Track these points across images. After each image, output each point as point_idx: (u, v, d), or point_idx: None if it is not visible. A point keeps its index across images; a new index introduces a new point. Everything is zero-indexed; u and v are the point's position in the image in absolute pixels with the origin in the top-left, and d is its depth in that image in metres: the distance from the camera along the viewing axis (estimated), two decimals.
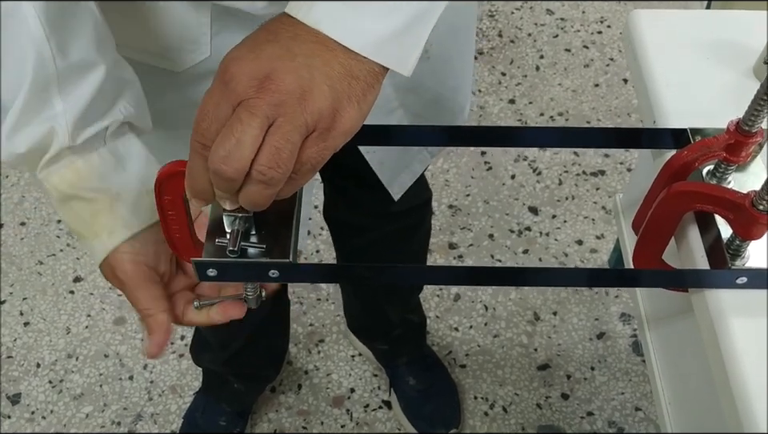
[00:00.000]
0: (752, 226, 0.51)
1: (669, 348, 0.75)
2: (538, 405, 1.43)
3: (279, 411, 1.41)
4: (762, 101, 0.52)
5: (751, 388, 0.49)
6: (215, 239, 0.53)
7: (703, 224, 0.57)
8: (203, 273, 0.52)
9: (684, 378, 0.71)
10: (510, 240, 1.63)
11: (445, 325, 1.52)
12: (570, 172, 1.74)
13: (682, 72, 0.68)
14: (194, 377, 1.43)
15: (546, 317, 1.53)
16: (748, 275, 0.52)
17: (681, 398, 0.72)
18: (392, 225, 1.11)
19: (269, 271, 0.52)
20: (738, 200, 0.51)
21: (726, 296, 0.53)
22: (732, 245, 0.54)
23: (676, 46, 0.71)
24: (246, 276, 0.54)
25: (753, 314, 0.53)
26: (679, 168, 0.56)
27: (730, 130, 0.55)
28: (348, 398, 1.43)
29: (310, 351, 1.49)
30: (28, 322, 1.50)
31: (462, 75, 0.90)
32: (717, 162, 0.57)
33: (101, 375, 1.44)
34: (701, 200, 0.53)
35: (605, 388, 1.45)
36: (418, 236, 1.19)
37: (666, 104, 0.65)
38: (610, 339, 1.50)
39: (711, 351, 0.53)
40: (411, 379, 1.38)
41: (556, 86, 1.91)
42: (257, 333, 1.22)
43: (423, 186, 1.12)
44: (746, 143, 0.54)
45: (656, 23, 0.72)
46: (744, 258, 0.54)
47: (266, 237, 0.53)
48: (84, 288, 1.54)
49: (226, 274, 0.52)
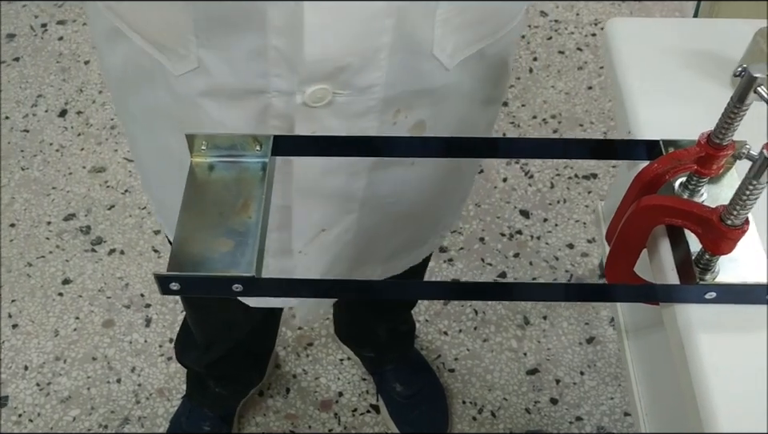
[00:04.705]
0: (720, 241, 0.50)
1: (647, 358, 0.74)
2: (527, 410, 1.42)
3: (267, 415, 1.41)
4: (733, 114, 0.51)
5: (717, 404, 0.48)
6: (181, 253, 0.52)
7: (674, 238, 0.56)
8: (166, 287, 0.52)
9: (660, 389, 0.71)
10: (500, 244, 1.63)
11: (434, 329, 1.52)
12: (562, 175, 1.74)
13: (659, 82, 0.68)
14: (181, 381, 1.43)
15: (536, 321, 1.53)
16: (717, 290, 0.52)
17: (657, 408, 0.71)
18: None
19: (232, 286, 0.52)
20: (706, 215, 0.51)
21: (695, 311, 0.53)
22: (702, 259, 0.53)
23: (654, 55, 0.70)
24: (209, 290, 0.53)
25: (722, 329, 0.52)
26: (650, 181, 0.55)
27: (701, 143, 0.54)
28: (336, 402, 1.43)
29: (298, 355, 1.48)
30: (16, 324, 1.49)
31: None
32: (689, 175, 0.57)
33: (88, 378, 1.44)
34: (669, 214, 0.53)
35: (594, 393, 1.44)
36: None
37: (642, 114, 0.65)
38: (600, 343, 1.50)
39: (679, 366, 0.52)
40: (398, 384, 1.38)
41: (549, 88, 1.90)
42: (245, 338, 1.22)
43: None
44: (716, 156, 0.53)
45: (634, 32, 0.71)
46: (714, 272, 0.53)
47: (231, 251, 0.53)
48: (73, 290, 1.54)
49: (188, 288, 0.52)
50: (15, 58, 1.94)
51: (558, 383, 1.45)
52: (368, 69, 0.62)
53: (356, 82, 0.63)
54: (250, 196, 0.58)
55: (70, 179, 1.71)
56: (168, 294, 0.52)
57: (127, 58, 0.70)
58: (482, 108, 0.78)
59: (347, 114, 0.65)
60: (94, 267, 1.57)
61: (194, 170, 0.60)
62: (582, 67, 1.94)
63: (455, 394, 1.44)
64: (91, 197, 1.68)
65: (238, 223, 0.56)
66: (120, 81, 0.75)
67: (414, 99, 0.68)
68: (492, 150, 0.62)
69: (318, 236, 0.77)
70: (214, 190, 0.59)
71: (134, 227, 1.63)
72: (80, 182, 1.70)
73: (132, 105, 0.76)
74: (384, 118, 0.68)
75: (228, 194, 0.58)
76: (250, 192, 0.58)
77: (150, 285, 1.55)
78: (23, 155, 1.74)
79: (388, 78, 0.64)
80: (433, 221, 0.91)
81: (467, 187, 0.94)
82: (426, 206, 0.84)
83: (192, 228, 0.56)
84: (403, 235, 0.86)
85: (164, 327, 1.50)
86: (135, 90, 0.73)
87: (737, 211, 0.49)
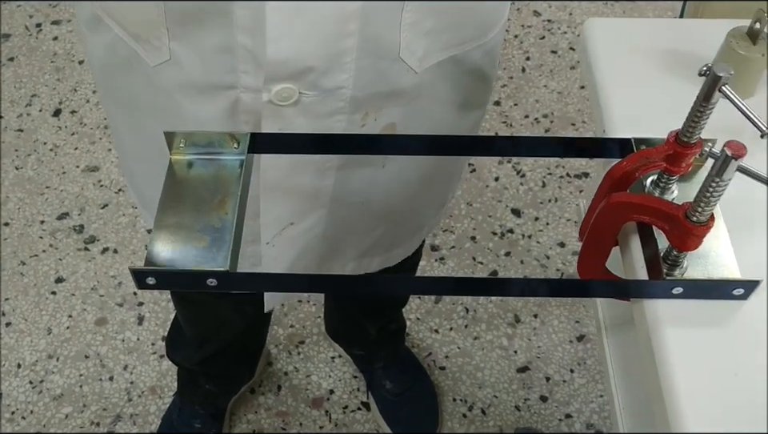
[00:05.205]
0: (686, 237, 0.51)
1: (625, 354, 0.75)
2: (517, 407, 1.43)
3: (258, 412, 1.42)
4: (699, 112, 0.52)
5: (682, 399, 0.49)
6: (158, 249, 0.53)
7: (644, 235, 0.57)
8: (142, 281, 0.53)
9: (637, 385, 0.71)
10: (492, 242, 1.64)
11: (425, 327, 1.53)
12: (554, 174, 1.75)
13: (634, 81, 0.69)
14: (173, 378, 1.44)
15: (527, 320, 1.54)
16: (683, 285, 0.53)
17: (634, 405, 0.72)
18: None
19: (207, 280, 0.52)
20: (672, 211, 0.52)
21: (662, 306, 0.53)
22: (670, 256, 0.54)
23: (631, 54, 0.71)
24: (185, 285, 0.54)
25: (689, 324, 0.53)
26: (620, 178, 0.56)
27: (669, 141, 0.55)
28: (327, 399, 1.44)
29: (290, 353, 1.49)
30: (9, 322, 1.50)
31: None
32: (659, 173, 0.57)
33: (81, 376, 1.44)
34: (637, 211, 0.54)
35: (583, 391, 1.45)
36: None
37: (617, 113, 0.66)
38: (590, 341, 1.51)
39: (646, 360, 0.53)
40: (388, 382, 1.39)
41: (541, 87, 1.91)
42: (236, 336, 1.23)
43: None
44: (685, 154, 0.54)
45: (611, 32, 0.72)
46: (682, 268, 0.54)
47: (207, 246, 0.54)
48: (66, 289, 1.55)
49: (164, 282, 0.53)
50: (10, 57, 1.95)
51: (547, 381, 1.46)
52: (334, 71, 0.63)
53: (322, 84, 0.64)
54: (227, 193, 0.59)
55: (63, 178, 1.72)
56: (144, 288, 0.53)
57: (108, 45, 0.71)
58: (459, 113, 0.78)
59: (314, 113, 0.66)
60: (87, 265, 1.58)
61: (173, 167, 0.60)
62: (574, 67, 1.94)
63: (446, 391, 1.45)
64: (85, 196, 1.69)
65: (215, 219, 0.57)
66: (102, 69, 0.76)
67: (383, 101, 0.69)
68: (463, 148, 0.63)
69: (286, 229, 0.77)
70: (192, 186, 0.59)
71: (127, 226, 1.64)
72: (73, 181, 1.71)
73: (114, 93, 0.77)
74: (353, 119, 0.68)
75: (205, 191, 0.59)
76: (227, 189, 0.59)
77: None
78: (17, 155, 1.75)
79: (356, 80, 0.65)
80: (406, 225, 0.91)
81: (445, 194, 0.94)
82: (398, 209, 0.84)
83: (169, 224, 0.57)
84: (375, 234, 0.86)
85: (156, 325, 1.51)
86: (116, 78, 0.74)
87: (701, 208, 0.49)
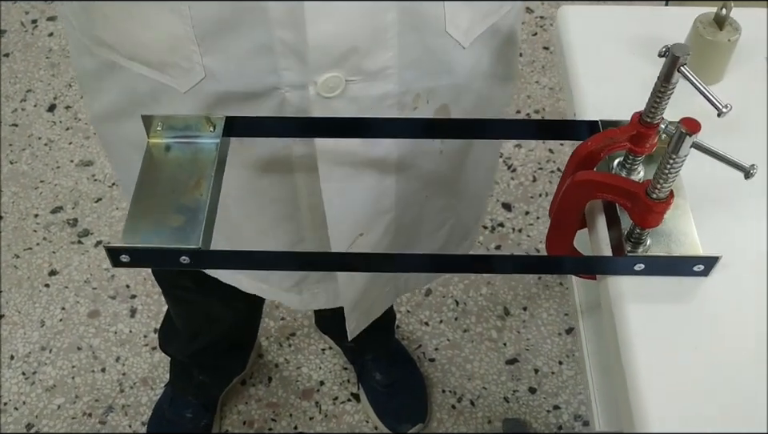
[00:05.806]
0: (647, 214, 0.52)
1: (599, 338, 0.76)
2: (506, 399, 1.44)
3: (249, 403, 1.43)
4: (660, 93, 0.53)
5: (641, 374, 0.50)
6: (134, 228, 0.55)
7: (610, 213, 0.58)
8: (116, 259, 0.54)
9: (609, 369, 0.72)
10: (482, 236, 1.65)
11: (415, 319, 1.54)
12: (545, 169, 1.76)
13: (605, 66, 0.70)
14: (165, 370, 1.45)
15: (516, 312, 1.55)
16: (645, 262, 0.54)
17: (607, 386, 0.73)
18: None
19: (180, 258, 0.54)
20: (632, 189, 0.53)
21: (626, 283, 0.55)
22: (633, 233, 0.55)
23: (603, 40, 0.72)
24: (159, 262, 0.55)
25: (651, 300, 0.54)
26: (585, 157, 0.57)
27: (633, 122, 0.56)
28: (317, 391, 1.45)
29: (281, 345, 1.50)
30: (3, 314, 1.52)
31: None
32: (625, 154, 0.59)
33: (73, 368, 1.46)
34: (600, 189, 0.55)
35: (572, 382, 1.46)
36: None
37: (587, 97, 0.67)
38: None
39: (609, 336, 0.54)
40: (378, 374, 1.40)
41: (533, 83, 1.92)
42: (228, 330, 1.24)
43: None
44: (647, 135, 0.55)
45: (584, 18, 0.73)
46: (645, 246, 0.55)
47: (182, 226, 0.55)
48: (59, 282, 1.56)
49: (138, 260, 0.54)
50: (5, 53, 1.97)
51: (536, 373, 1.47)
52: (377, 50, 0.61)
53: (367, 66, 0.61)
54: (203, 175, 0.60)
55: (57, 173, 1.73)
56: (119, 266, 0.54)
57: (123, 90, 0.68)
58: (500, 86, 0.75)
59: (363, 102, 0.64)
60: (80, 258, 1.60)
61: (151, 150, 0.62)
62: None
63: (435, 383, 1.46)
64: (78, 190, 1.70)
65: (190, 199, 0.58)
66: (117, 116, 0.72)
67: (433, 82, 0.66)
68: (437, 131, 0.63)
69: (356, 241, 0.73)
70: (169, 169, 0.61)
71: (121, 220, 1.66)
72: (68, 175, 1.73)
73: (128, 138, 0.74)
74: (404, 103, 0.65)
75: (182, 173, 0.60)
76: (202, 171, 0.60)
77: (136, 276, 1.57)
78: (12, 149, 1.77)
79: (401, 59, 0.62)
80: (470, 208, 0.89)
81: (490, 171, 0.91)
82: (460, 193, 0.82)
83: (146, 205, 0.58)
84: (443, 231, 0.84)
85: (149, 317, 1.52)
86: (134, 120, 0.67)
87: (660, 185, 0.51)
